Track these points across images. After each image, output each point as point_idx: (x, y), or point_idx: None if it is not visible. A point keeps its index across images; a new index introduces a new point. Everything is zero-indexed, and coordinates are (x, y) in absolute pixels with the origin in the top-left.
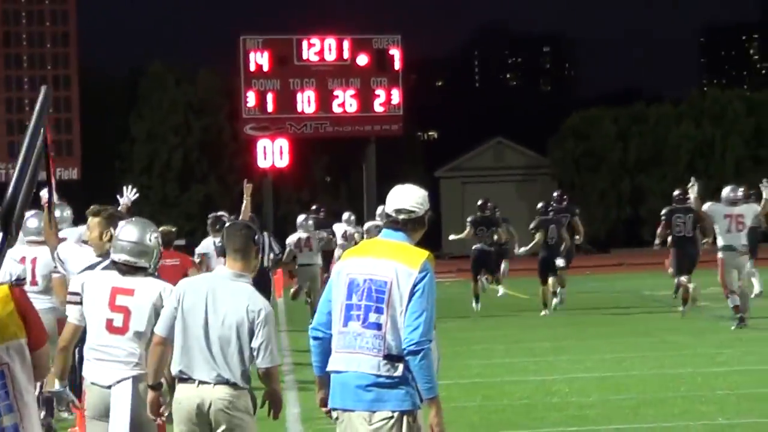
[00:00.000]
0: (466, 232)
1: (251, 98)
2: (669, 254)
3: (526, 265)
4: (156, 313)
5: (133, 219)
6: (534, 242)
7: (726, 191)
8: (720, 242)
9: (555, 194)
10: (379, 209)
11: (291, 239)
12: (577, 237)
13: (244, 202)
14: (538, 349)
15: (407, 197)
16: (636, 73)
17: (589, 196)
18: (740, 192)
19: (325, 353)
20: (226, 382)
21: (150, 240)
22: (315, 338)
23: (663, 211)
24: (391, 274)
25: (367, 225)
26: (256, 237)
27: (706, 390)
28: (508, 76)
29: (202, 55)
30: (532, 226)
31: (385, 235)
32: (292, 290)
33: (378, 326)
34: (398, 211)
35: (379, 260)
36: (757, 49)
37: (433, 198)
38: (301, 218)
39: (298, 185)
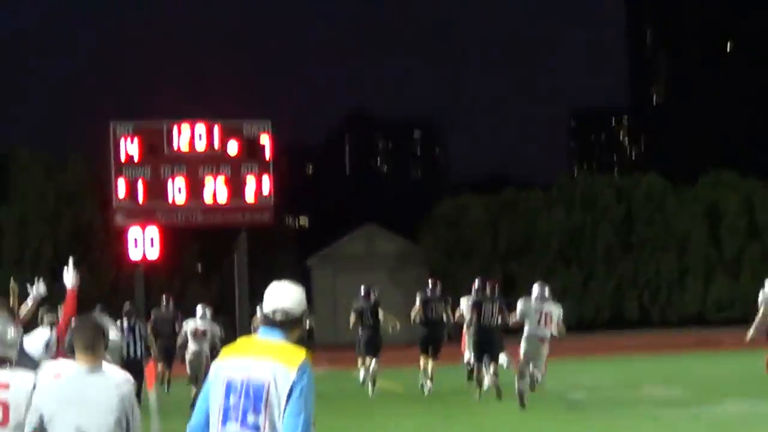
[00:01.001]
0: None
1: (121, 187)
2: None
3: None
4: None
5: None
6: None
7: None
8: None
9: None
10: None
11: (188, 327)
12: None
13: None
14: None
15: (284, 297)
16: (506, 157)
17: (460, 283)
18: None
19: None
20: None
21: (11, 334)
22: None
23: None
24: (269, 375)
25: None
26: (105, 332)
27: None
28: (378, 161)
29: (70, 141)
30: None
31: (263, 334)
32: None
33: (256, 427)
34: (275, 312)
35: (257, 361)
36: (627, 133)
37: (305, 287)
38: (200, 308)
39: (169, 275)
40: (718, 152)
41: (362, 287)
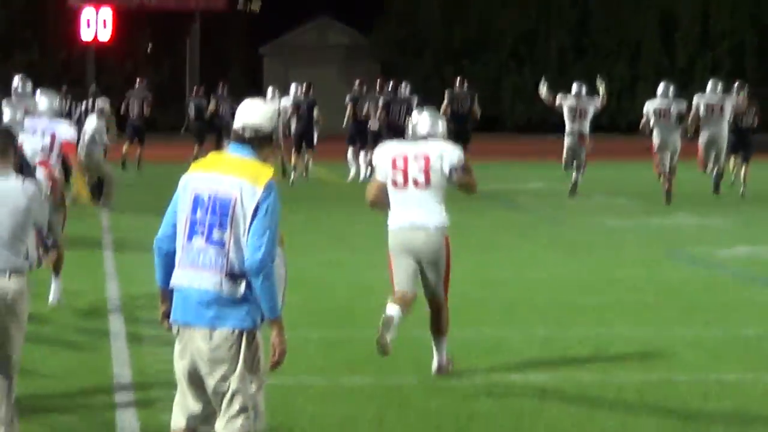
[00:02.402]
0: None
1: None
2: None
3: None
4: None
5: None
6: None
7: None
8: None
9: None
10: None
11: None
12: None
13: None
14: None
15: (254, 113)
16: None
17: (412, 80)
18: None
19: (169, 266)
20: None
21: None
22: (159, 249)
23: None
24: (236, 191)
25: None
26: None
27: (527, 296)
28: None
29: None
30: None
31: (233, 151)
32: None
33: (221, 243)
34: (245, 128)
35: (224, 176)
36: None
37: (258, 77)
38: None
39: (121, 58)
40: None
41: (303, 84)
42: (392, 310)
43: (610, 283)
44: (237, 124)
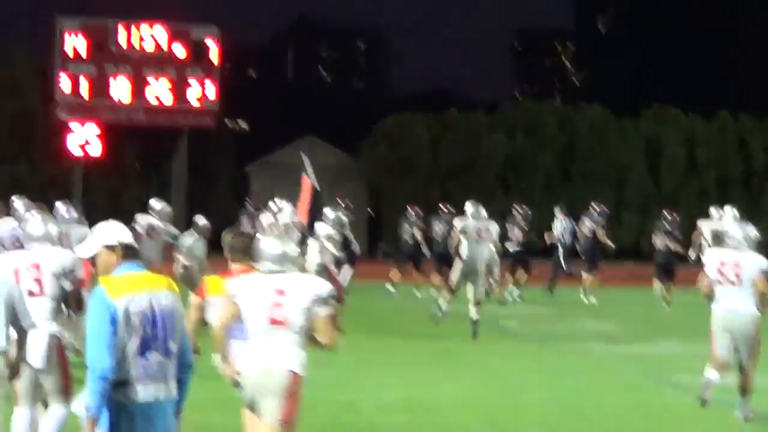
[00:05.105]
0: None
1: (65, 82)
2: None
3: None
4: None
5: None
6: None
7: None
8: None
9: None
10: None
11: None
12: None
13: None
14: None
15: (124, 231)
16: (450, 75)
17: (398, 201)
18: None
19: None
20: None
21: None
22: None
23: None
24: (173, 303)
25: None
26: None
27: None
28: (321, 70)
29: (13, 35)
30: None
31: (136, 268)
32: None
33: (172, 353)
34: (128, 246)
35: (155, 293)
36: (571, 59)
37: (244, 193)
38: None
39: (108, 173)
40: (661, 87)
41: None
42: None
43: (599, 408)
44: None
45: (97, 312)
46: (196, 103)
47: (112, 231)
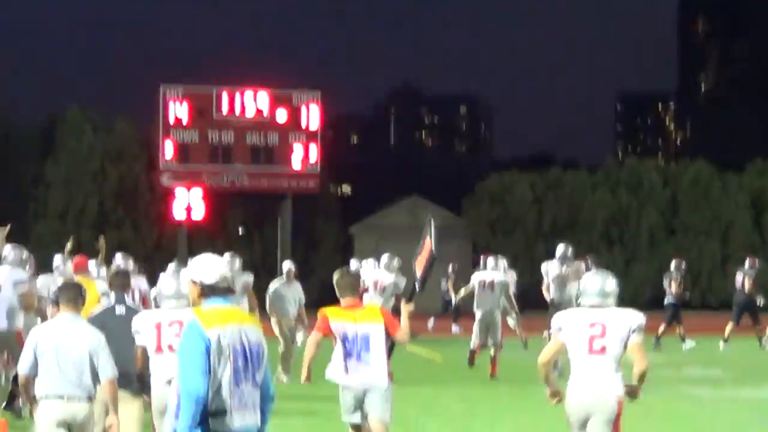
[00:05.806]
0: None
1: (169, 148)
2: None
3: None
4: None
5: None
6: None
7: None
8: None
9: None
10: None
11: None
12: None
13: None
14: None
15: (223, 266)
16: (551, 137)
17: (504, 258)
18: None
19: None
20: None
21: None
22: None
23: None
24: (260, 337)
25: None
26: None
27: None
28: (423, 135)
29: (118, 102)
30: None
31: (229, 302)
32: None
33: (259, 384)
34: (224, 279)
35: (244, 326)
36: (673, 118)
37: (348, 254)
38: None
39: (212, 237)
40: (764, 140)
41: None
42: None
43: None
44: (214, 278)
45: (192, 341)
46: (298, 167)
47: (200, 268)
